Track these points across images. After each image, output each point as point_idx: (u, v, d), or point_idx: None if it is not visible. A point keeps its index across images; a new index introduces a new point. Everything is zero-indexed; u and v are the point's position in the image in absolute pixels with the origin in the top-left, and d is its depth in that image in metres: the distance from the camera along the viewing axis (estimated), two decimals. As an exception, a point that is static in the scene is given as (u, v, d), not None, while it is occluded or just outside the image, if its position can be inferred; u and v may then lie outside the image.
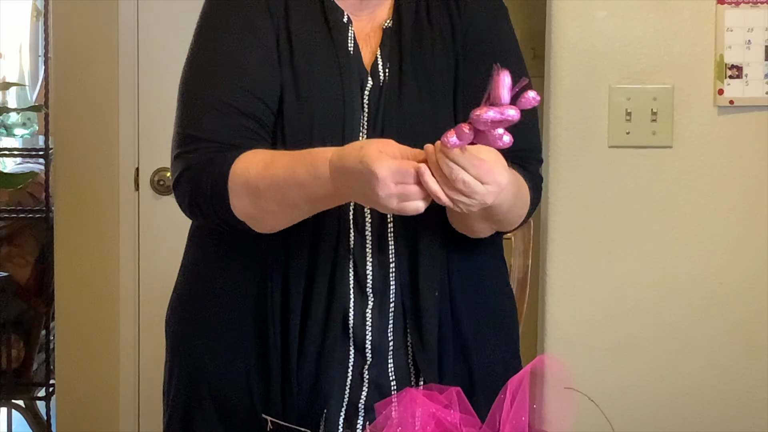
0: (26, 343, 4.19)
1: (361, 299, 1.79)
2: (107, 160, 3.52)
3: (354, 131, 1.76)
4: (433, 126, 1.74)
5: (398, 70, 1.79)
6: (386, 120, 1.78)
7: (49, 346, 4.18)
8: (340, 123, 1.74)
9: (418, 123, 1.77)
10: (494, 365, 1.85)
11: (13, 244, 4.31)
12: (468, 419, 1.54)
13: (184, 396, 1.88)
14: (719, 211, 2.62)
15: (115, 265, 3.55)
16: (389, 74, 1.80)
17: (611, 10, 2.58)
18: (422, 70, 1.80)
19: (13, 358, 4.15)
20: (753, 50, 2.57)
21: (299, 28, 1.80)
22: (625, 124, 2.60)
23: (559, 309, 2.64)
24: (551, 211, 2.62)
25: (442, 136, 1.46)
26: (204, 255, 1.89)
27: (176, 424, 1.89)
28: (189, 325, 1.89)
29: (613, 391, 2.55)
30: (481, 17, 1.84)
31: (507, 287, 1.98)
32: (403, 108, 1.78)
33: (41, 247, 4.22)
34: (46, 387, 4.21)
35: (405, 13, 1.83)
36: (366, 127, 1.79)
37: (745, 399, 2.63)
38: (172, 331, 1.92)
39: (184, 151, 1.76)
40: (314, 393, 1.78)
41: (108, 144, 3.50)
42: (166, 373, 1.93)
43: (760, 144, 2.60)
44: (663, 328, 2.63)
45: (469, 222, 1.74)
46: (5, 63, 5.43)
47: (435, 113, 1.79)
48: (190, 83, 1.81)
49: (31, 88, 5.33)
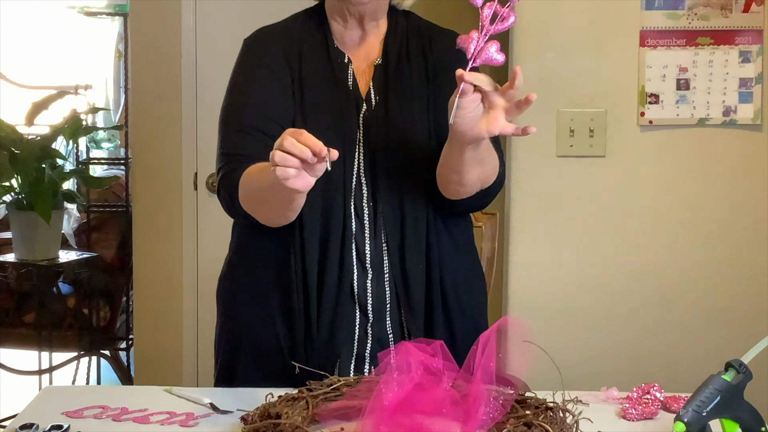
0: (111, 307, 4.19)
1: (362, 272, 1.78)
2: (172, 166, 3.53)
3: (352, 143, 1.78)
4: (412, 137, 1.79)
5: (385, 97, 1.81)
6: (376, 134, 1.79)
7: (128, 310, 4.18)
8: (341, 136, 1.74)
9: (400, 135, 1.79)
10: (468, 324, 1.85)
11: (100, 231, 4.31)
12: (449, 365, 1.54)
13: (230, 346, 1.88)
14: (640, 205, 2.62)
15: (179, 247, 3.56)
16: (378, 100, 1.81)
17: (558, 51, 2.58)
18: (403, 95, 1.81)
19: (101, 318, 4.15)
20: (667, 82, 2.56)
21: (309, 69, 1.81)
22: (569, 139, 2.59)
23: (519, 282, 2.64)
24: (513, 205, 2.61)
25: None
26: (242, 240, 1.89)
27: (224, 368, 1.89)
28: (233, 292, 1.90)
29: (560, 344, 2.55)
30: (448, 54, 1.81)
31: (478, 265, 1.97)
32: (389, 125, 1.79)
33: (122, 234, 4.22)
34: (126, 341, 4.23)
35: (391, 53, 1.84)
36: (361, 140, 1.79)
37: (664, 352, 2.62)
38: (221, 296, 1.93)
39: (221, 165, 1.80)
40: (330, 345, 1.78)
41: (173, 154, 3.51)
42: (216, 329, 1.93)
43: (673, 153, 2.60)
44: (598, 296, 2.63)
45: (470, 165, 1.67)
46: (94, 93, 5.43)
47: (413, 127, 1.79)
48: (227, 114, 1.84)
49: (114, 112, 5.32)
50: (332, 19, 1.84)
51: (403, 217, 1.79)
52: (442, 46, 1.84)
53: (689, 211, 2.62)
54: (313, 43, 1.83)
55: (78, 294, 4.14)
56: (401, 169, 1.79)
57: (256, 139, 1.76)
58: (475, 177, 1.72)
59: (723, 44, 2.55)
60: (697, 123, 2.58)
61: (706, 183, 2.61)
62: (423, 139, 1.79)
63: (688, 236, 2.62)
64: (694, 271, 2.62)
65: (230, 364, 1.87)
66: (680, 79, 2.56)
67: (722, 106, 2.57)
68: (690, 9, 2.54)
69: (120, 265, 4.22)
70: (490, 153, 1.72)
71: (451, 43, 1.81)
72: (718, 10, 2.54)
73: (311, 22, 1.86)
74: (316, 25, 1.85)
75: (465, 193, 1.76)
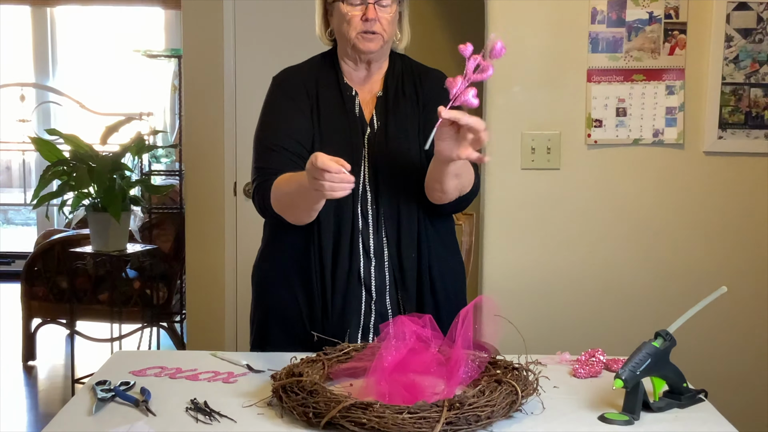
0: (168, 288, 4.18)
1: (367, 261, 1.78)
2: (216, 177, 3.52)
3: (359, 158, 1.78)
4: (406, 155, 1.79)
5: (385, 122, 1.81)
6: (378, 152, 1.79)
7: (182, 290, 4.17)
8: (350, 153, 1.73)
9: (396, 153, 1.79)
10: (450, 302, 1.84)
11: (159, 228, 4.30)
12: (436, 334, 1.54)
13: (262, 319, 1.88)
14: (587, 208, 2.61)
15: (221, 240, 3.54)
16: (380, 125, 1.81)
17: (523, 85, 2.57)
18: (399, 121, 1.81)
19: (160, 297, 4.15)
20: (608, 110, 2.56)
21: (325, 100, 1.81)
22: (531, 155, 2.58)
23: (491, 268, 2.63)
24: (486, 207, 2.60)
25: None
26: (271, 235, 1.88)
27: (257, 337, 1.89)
28: (265, 276, 1.89)
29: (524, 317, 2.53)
30: (434, 90, 1.83)
31: (459, 255, 1.96)
32: (388, 145, 1.79)
33: (177, 230, 4.21)
34: (180, 315, 4.22)
35: (390, 87, 1.84)
36: (366, 157, 1.79)
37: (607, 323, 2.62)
38: (255, 279, 1.92)
39: (255, 177, 1.80)
40: (341, 318, 1.77)
41: (216, 167, 3.50)
42: (251, 306, 1.93)
43: (613, 167, 2.59)
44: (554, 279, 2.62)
45: (447, 177, 1.69)
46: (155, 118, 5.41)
47: (407, 147, 1.80)
48: (259, 136, 1.84)
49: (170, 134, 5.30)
50: (342, 61, 1.84)
51: (399, 217, 1.79)
52: (430, 84, 1.84)
53: (625, 212, 2.61)
54: (327, 79, 1.83)
55: (142, 278, 4.13)
56: (398, 180, 1.79)
57: (283, 155, 1.76)
58: (453, 186, 1.72)
59: (653, 80, 2.55)
60: (632, 142, 2.58)
61: (639, 190, 2.60)
62: (415, 156, 1.79)
63: (624, 232, 2.61)
64: (628, 259, 2.61)
65: (262, 334, 1.87)
66: (619, 107, 2.56)
67: (652, 129, 2.57)
68: (627, 52, 2.53)
69: (175, 254, 4.22)
70: (467, 168, 1.73)
71: (437, 81, 1.83)
72: (649, 53, 2.53)
73: (325, 63, 1.86)
74: (329, 66, 1.85)
75: (446, 199, 1.76)
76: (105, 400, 1.47)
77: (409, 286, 1.79)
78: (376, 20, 1.72)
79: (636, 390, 1.44)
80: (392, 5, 1.75)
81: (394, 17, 1.77)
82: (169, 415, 1.43)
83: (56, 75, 5.97)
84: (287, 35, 3.30)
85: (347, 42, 1.77)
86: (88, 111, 5.83)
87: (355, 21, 1.73)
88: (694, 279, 2.60)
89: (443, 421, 1.31)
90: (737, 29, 2.52)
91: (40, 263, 4.23)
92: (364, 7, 1.72)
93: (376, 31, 1.74)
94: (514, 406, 1.41)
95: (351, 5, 1.73)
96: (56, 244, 4.21)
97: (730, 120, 2.56)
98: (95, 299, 4.14)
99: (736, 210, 2.60)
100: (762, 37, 2.53)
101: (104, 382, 1.54)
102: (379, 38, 1.75)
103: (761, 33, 2.53)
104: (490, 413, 1.36)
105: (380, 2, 1.73)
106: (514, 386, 1.43)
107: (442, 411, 1.32)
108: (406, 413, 1.31)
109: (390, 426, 1.30)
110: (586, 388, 1.59)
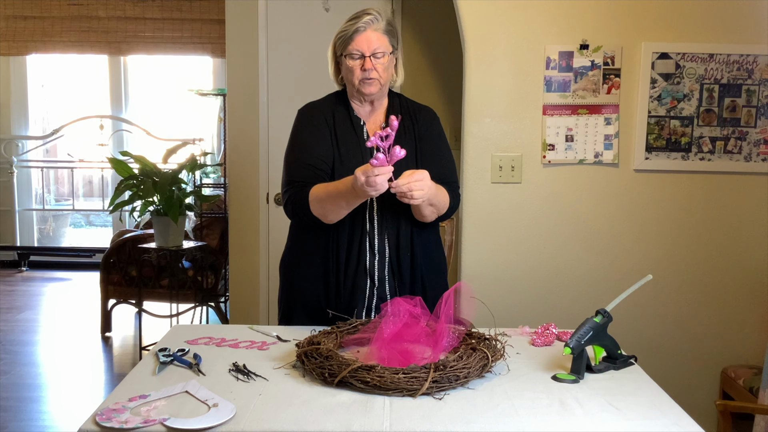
0: (215, 276, 4.18)
1: (372, 256, 1.77)
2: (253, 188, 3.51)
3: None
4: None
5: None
6: None
7: (226, 277, 4.16)
8: None
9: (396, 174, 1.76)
10: (436, 287, 1.84)
11: (209, 228, 4.30)
12: (425, 312, 1.54)
13: (288, 301, 1.87)
14: (542, 215, 2.61)
15: (257, 239, 3.53)
16: None
17: (492, 117, 2.57)
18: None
19: (209, 283, 4.14)
20: (559, 137, 2.56)
21: (340, 128, 1.80)
22: (499, 171, 2.58)
23: (468, 260, 2.62)
24: (464, 213, 2.60)
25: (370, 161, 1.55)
26: (296, 235, 1.87)
27: (285, 314, 1.88)
28: (290, 268, 1.88)
29: (494, 299, 2.54)
30: (427, 122, 1.83)
31: (442, 250, 1.96)
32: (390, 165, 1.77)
33: (222, 230, 4.21)
34: (224, 297, 4.21)
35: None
36: None
37: (558, 303, 2.61)
38: (283, 270, 1.91)
39: (287, 189, 1.78)
40: (351, 300, 1.77)
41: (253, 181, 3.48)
42: (280, 292, 1.91)
43: (563, 182, 2.59)
44: (517, 269, 2.61)
45: (423, 209, 1.72)
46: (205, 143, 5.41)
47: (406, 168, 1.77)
48: (288, 155, 1.82)
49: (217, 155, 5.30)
50: (351, 99, 1.84)
51: (398, 223, 1.79)
52: (423, 119, 1.84)
53: (573, 217, 2.61)
54: (341, 113, 1.83)
55: (195, 267, 4.12)
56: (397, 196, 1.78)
57: (310, 171, 1.75)
58: (429, 212, 1.75)
59: (594, 113, 2.55)
60: (578, 162, 2.58)
61: (583, 201, 2.60)
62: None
63: (571, 232, 2.61)
64: (575, 253, 2.61)
65: (289, 312, 1.86)
66: (567, 134, 2.56)
67: (594, 151, 2.57)
68: (573, 92, 2.54)
69: (221, 249, 4.21)
70: (440, 198, 1.74)
71: (428, 117, 1.83)
72: (591, 92, 2.54)
73: (339, 100, 1.85)
74: (342, 102, 1.84)
75: (427, 220, 1.78)
76: (165, 363, 1.48)
77: (404, 277, 1.79)
78: (372, 68, 1.73)
79: (581, 356, 1.45)
80: (386, 56, 1.75)
81: (388, 64, 1.77)
82: (215, 375, 1.43)
83: (128, 108, 5.98)
84: (309, 78, 3.30)
85: (353, 87, 1.77)
86: (152, 137, 5.83)
87: (357, 70, 1.74)
88: (626, 268, 2.60)
89: (430, 380, 1.32)
90: (660, 74, 2.53)
91: (115, 256, 4.23)
92: (362, 60, 1.73)
93: (373, 77, 1.74)
94: (485, 368, 1.42)
95: (353, 59, 1.74)
96: (128, 241, 4.21)
97: (654, 144, 2.56)
98: (158, 284, 4.14)
99: (658, 214, 2.60)
100: (680, 80, 2.53)
101: (165, 349, 1.54)
102: (376, 82, 1.75)
103: (679, 77, 2.53)
104: (467, 374, 1.37)
105: (375, 55, 1.73)
106: (485, 353, 1.44)
107: (429, 372, 1.33)
108: (401, 373, 1.32)
109: (388, 384, 1.31)
110: (542, 354, 1.59)
